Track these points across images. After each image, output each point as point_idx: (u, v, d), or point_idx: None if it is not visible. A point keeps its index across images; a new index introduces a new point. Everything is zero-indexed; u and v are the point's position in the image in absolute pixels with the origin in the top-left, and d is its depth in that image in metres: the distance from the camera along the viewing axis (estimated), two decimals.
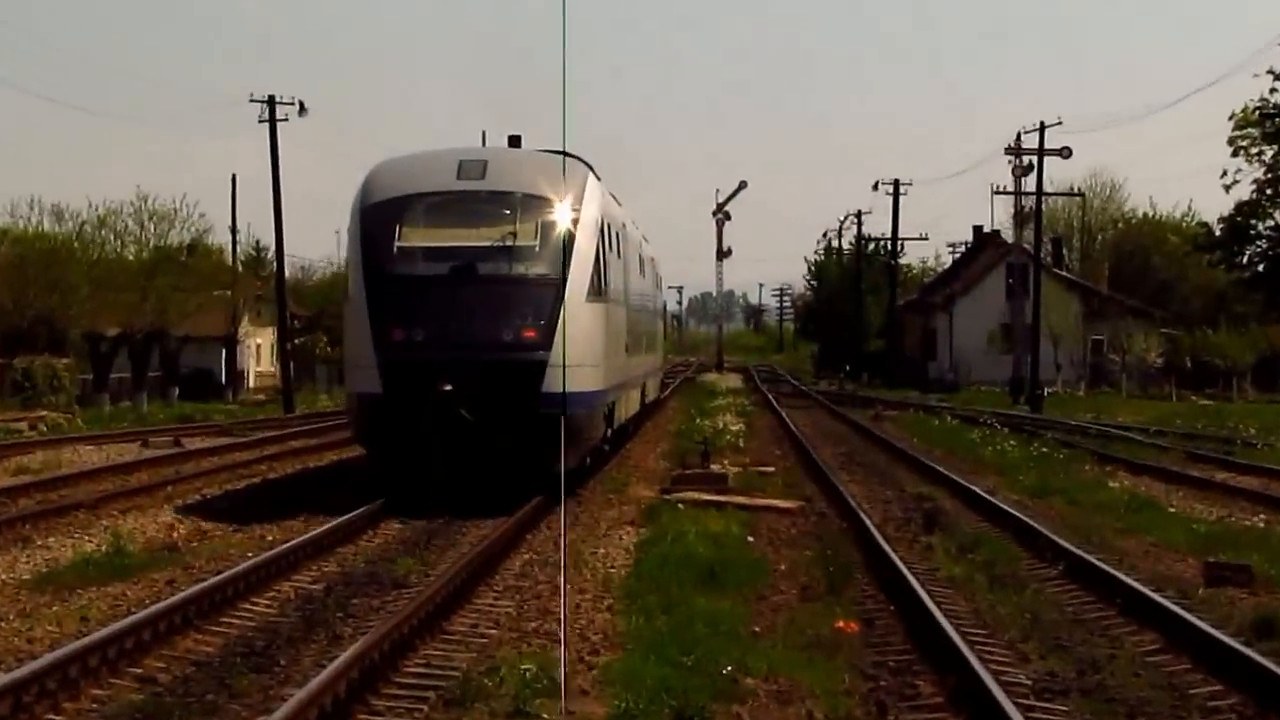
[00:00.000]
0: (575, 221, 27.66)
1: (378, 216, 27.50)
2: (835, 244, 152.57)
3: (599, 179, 30.43)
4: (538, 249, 26.90)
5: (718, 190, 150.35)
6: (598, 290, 28.19)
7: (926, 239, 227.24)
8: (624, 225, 34.25)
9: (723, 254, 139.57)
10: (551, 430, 25.08)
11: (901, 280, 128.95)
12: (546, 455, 25.57)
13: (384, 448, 27.07)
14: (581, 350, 27.10)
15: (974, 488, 30.86)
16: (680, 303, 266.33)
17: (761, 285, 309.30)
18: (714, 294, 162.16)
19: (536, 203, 27.41)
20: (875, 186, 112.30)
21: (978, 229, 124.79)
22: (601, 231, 28.81)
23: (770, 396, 76.19)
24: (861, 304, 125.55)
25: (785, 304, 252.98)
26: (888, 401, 75.72)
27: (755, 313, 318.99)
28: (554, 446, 24.64)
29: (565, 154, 28.43)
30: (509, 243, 26.77)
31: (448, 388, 25.77)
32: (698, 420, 49.65)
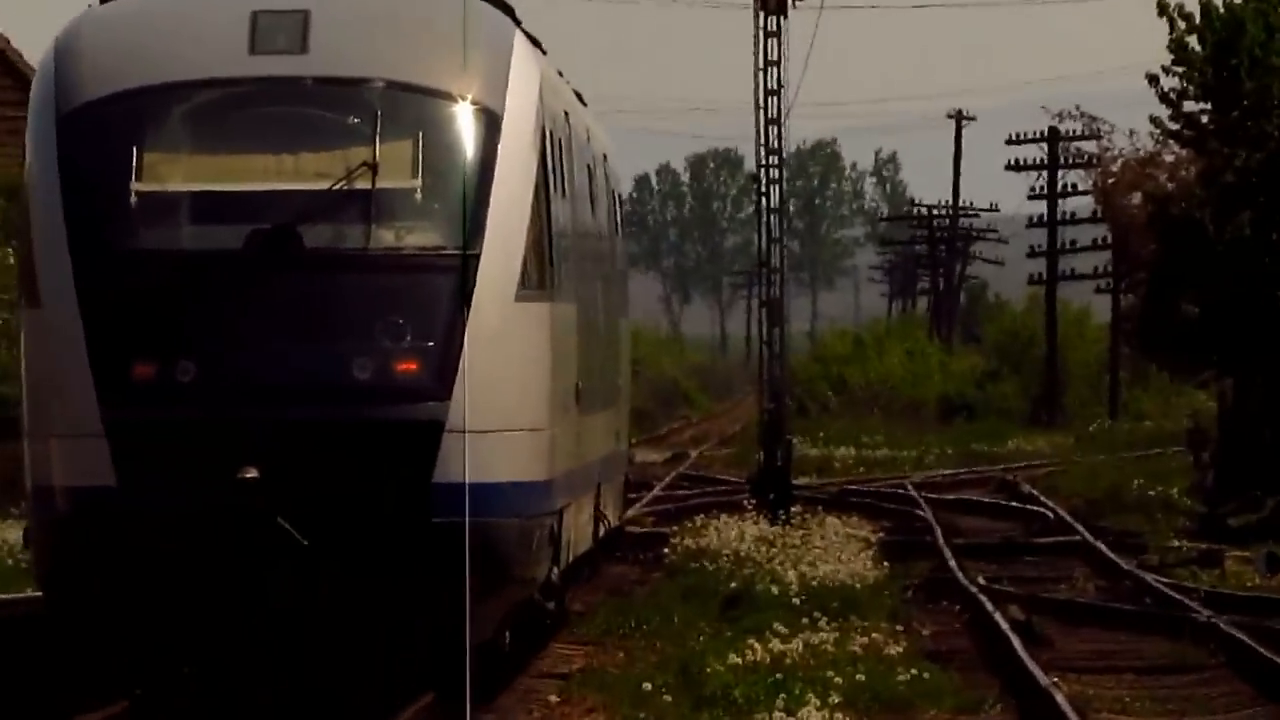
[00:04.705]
0: (493, 136, 17.85)
1: (95, 132, 17.70)
2: None
3: (529, 37, 19.46)
4: (421, 195, 17.80)
5: None
6: (540, 276, 18.26)
7: None
8: (566, 119, 21.85)
9: None
10: (452, 558, 16.66)
11: None
12: (442, 607, 17.01)
13: (114, 601, 17.01)
14: (511, 399, 17.78)
15: None
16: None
17: (963, 120, 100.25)
18: (760, 160, 32.79)
19: (415, 101, 18.06)
20: None
21: None
22: (543, 153, 18.57)
23: (1012, 636, 19.61)
24: None
25: (1064, 208, 79.98)
26: None
27: (935, 242, 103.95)
28: (457, 591, 16.58)
29: None
30: (363, 184, 17.56)
31: (250, 475, 17.03)
32: None
